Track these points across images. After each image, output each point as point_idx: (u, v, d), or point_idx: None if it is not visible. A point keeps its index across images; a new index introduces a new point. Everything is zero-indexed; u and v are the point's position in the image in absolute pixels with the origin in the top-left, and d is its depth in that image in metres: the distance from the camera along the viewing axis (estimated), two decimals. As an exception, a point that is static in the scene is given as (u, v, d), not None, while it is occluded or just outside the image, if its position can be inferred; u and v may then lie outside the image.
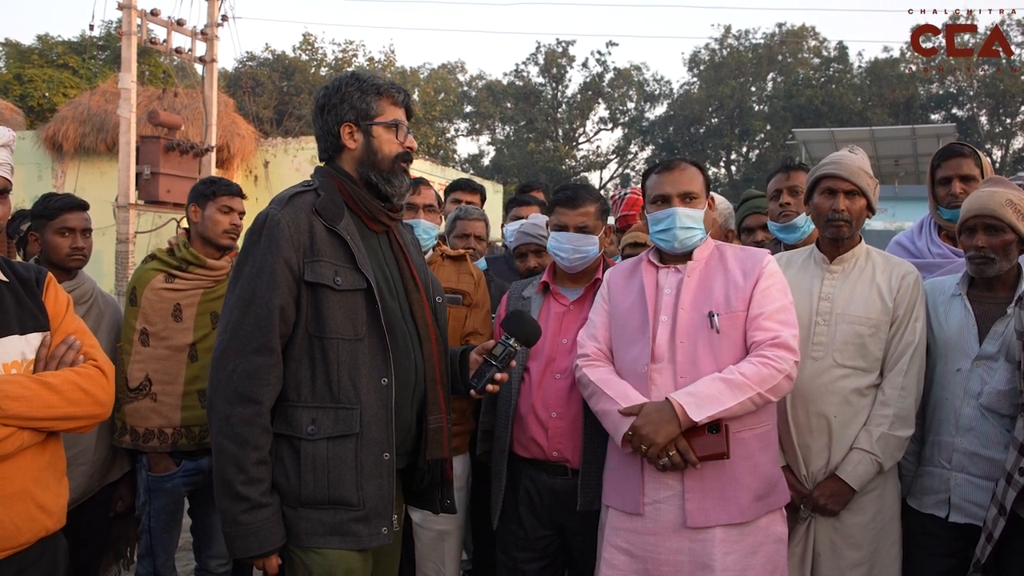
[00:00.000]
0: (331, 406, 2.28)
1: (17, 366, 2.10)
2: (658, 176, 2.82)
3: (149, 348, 3.38)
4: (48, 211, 3.33)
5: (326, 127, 2.46)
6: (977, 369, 2.78)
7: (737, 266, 2.75)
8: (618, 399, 2.63)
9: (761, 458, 2.64)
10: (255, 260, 2.28)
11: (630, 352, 2.74)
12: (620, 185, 43.56)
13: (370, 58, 38.95)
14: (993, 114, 40.50)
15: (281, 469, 2.28)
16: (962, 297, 2.89)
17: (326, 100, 2.45)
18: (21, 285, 2.21)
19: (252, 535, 2.22)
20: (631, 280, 2.87)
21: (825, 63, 42.24)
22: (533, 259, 3.82)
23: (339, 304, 2.30)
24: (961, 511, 2.76)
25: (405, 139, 2.48)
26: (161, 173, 10.94)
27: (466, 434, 3.45)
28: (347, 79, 2.46)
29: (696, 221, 2.75)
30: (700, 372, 2.61)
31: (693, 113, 42.59)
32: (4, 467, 2.02)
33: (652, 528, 2.61)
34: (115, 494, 3.50)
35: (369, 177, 2.44)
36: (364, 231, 2.46)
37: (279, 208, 2.32)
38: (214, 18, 12.73)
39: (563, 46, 42.73)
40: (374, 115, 2.44)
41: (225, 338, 2.28)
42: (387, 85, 2.47)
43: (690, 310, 2.68)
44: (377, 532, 2.31)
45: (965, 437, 2.77)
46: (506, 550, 3.14)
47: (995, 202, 2.78)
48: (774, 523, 2.66)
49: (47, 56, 26.20)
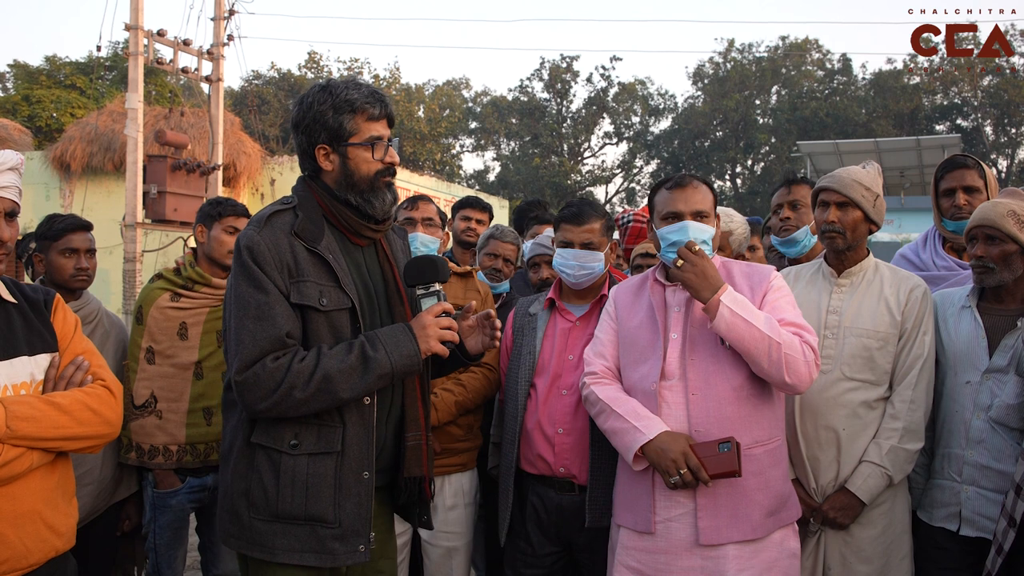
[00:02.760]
0: (315, 422, 2.27)
1: (26, 387, 2.11)
2: (670, 193, 2.79)
3: (155, 366, 3.39)
4: (52, 232, 3.35)
5: (301, 147, 2.39)
6: (987, 382, 2.76)
7: (744, 281, 2.74)
8: (629, 417, 2.62)
9: (772, 474, 2.63)
10: (249, 280, 2.24)
11: (639, 370, 2.73)
12: (625, 200, 43.66)
13: (375, 75, 39.20)
14: (998, 124, 40.45)
15: (258, 480, 2.26)
16: (972, 309, 2.88)
17: (300, 118, 2.37)
18: (30, 307, 2.22)
19: (397, 349, 2.25)
20: (638, 298, 2.86)
21: (829, 75, 42.33)
22: (546, 270, 3.83)
23: (324, 324, 2.28)
24: (972, 524, 2.74)
25: (385, 155, 2.38)
26: (168, 192, 11.01)
27: (474, 450, 3.44)
28: (318, 94, 2.35)
29: (708, 237, 2.74)
30: (712, 388, 2.60)
31: (698, 127, 42.66)
32: (14, 488, 2.02)
33: (664, 547, 2.60)
34: (122, 513, 3.50)
35: (348, 199, 2.36)
36: (347, 245, 2.42)
37: (257, 230, 2.27)
38: (220, 38, 12.85)
39: (567, 61, 42.89)
40: (348, 136, 2.34)
41: (239, 360, 2.23)
42: (362, 100, 2.34)
43: (700, 327, 2.67)
44: (354, 550, 2.29)
45: (975, 450, 2.76)
46: (514, 566, 3.13)
47: (996, 213, 2.78)
48: (787, 538, 2.65)
49: (55, 77, 26.42)
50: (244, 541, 2.29)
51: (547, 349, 3.13)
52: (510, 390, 3.17)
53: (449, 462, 3.31)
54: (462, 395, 3.28)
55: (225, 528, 2.34)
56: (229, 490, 2.32)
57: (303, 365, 2.19)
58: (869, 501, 2.81)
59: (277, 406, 2.20)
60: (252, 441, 2.28)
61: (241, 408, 2.28)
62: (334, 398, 2.22)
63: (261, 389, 2.18)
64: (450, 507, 3.31)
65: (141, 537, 3.58)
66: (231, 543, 2.33)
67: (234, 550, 2.36)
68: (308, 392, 2.18)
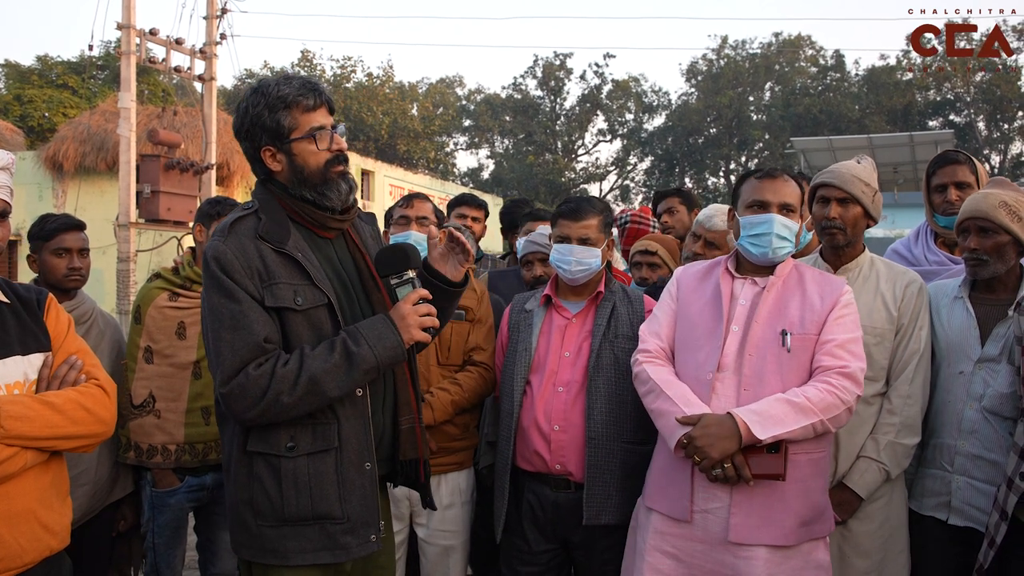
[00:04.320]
0: (308, 422, 2.26)
1: (19, 387, 2.11)
2: (759, 182, 2.77)
3: (153, 365, 3.39)
4: (44, 232, 3.33)
5: (248, 153, 2.36)
6: (979, 372, 2.78)
7: (815, 289, 2.70)
8: (678, 402, 2.59)
9: (813, 484, 2.60)
10: (220, 290, 2.22)
11: (695, 357, 2.71)
12: (620, 197, 43.68)
13: (368, 74, 39.17)
14: (991, 120, 40.57)
15: (260, 488, 2.25)
16: (964, 300, 2.90)
17: (239, 125, 2.34)
18: (22, 306, 2.21)
19: (379, 342, 2.24)
20: (704, 284, 2.83)
21: (822, 72, 42.41)
22: (539, 267, 3.83)
23: (303, 322, 2.27)
24: (961, 514, 2.76)
25: (331, 142, 2.34)
26: (161, 191, 10.97)
27: (470, 449, 3.44)
28: (252, 98, 2.31)
29: (792, 233, 2.72)
30: (765, 388, 2.57)
31: (691, 123, 42.71)
32: (8, 487, 2.02)
33: (701, 536, 2.58)
34: (118, 513, 3.50)
35: (303, 195, 2.33)
36: (315, 240, 2.40)
37: (222, 239, 2.25)
38: (212, 36, 12.82)
39: (561, 59, 42.94)
40: (288, 132, 2.30)
41: (221, 371, 2.21)
42: (294, 93, 2.28)
43: (764, 325, 2.65)
44: (366, 541, 2.30)
45: (967, 440, 2.77)
46: (510, 564, 3.13)
47: (988, 204, 2.79)
48: (816, 550, 2.61)
49: (47, 76, 26.34)
50: (256, 550, 2.28)
51: (543, 346, 3.13)
52: (506, 387, 3.17)
53: (445, 461, 3.31)
54: (458, 394, 3.27)
55: (236, 539, 2.33)
56: (234, 501, 2.31)
57: (287, 370, 2.17)
58: (867, 496, 2.82)
59: (265, 413, 2.18)
60: (249, 450, 2.27)
61: (233, 421, 2.27)
62: (323, 398, 2.21)
63: (247, 398, 2.17)
64: (447, 506, 3.30)
65: (138, 537, 3.57)
66: (243, 553, 2.32)
67: (247, 560, 2.33)
68: (296, 396, 2.17)
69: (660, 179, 43.28)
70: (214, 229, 2.35)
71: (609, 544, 2.96)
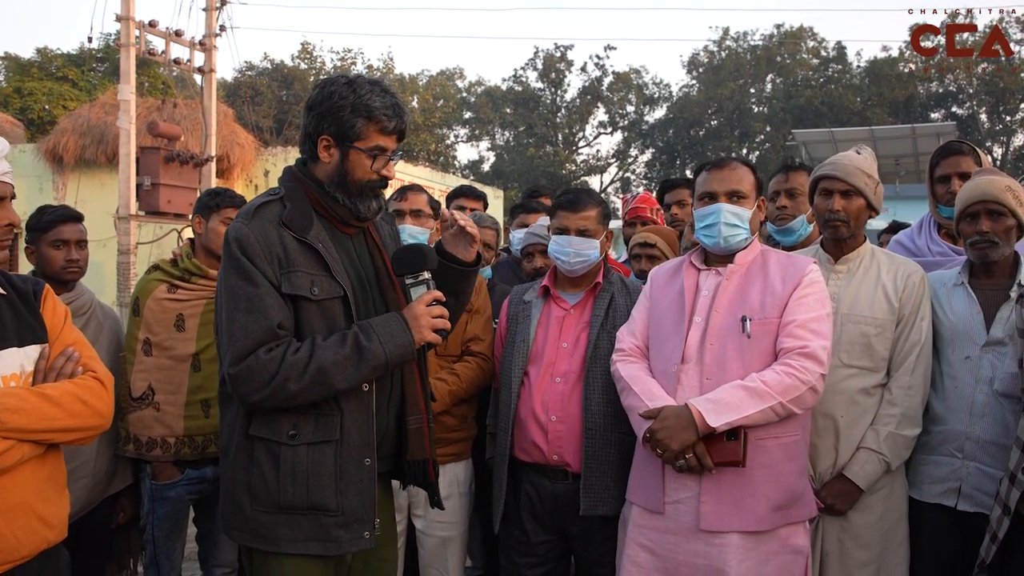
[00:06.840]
0: (312, 412, 2.27)
1: (16, 379, 2.10)
2: (707, 173, 2.81)
3: (152, 358, 3.38)
4: (42, 224, 3.32)
5: (307, 129, 2.38)
6: (987, 355, 2.79)
7: (778, 272, 2.71)
8: (643, 397, 2.63)
9: (785, 468, 2.60)
10: (238, 272, 2.23)
11: (663, 351, 2.74)
12: (620, 189, 43.63)
13: (369, 65, 39.04)
14: (993, 112, 40.44)
15: (259, 473, 2.27)
16: (964, 286, 2.91)
17: (316, 102, 2.35)
18: (19, 297, 2.20)
19: (391, 339, 2.26)
20: (673, 280, 2.86)
21: (824, 63, 42.24)
22: (540, 259, 3.84)
23: (317, 313, 2.28)
24: (971, 500, 2.76)
25: (383, 167, 2.38)
26: (161, 184, 10.93)
27: (469, 439, 3.44)
28: (342, 89, 2.32)
29: (742, 220, 2.73)
30: (727, 376, 2.58)
31: (693, 115, 42.59)
32: (4, 480, 2.01)
33: (673, 527, 2.60)
34: (117, 505, 3.49)
35: (336, 196, 2.36)
36: (336, 234, 2.42)
37: (245, 222, 2.27)
38: (212, 28, 12.76)
39: (561, 50, 42.78)
40: (354, 139, 2.33)
41: (230, 354, 2.22)
42: (381, 111, 2.32)
43: (724, 313, 2.67)
44: (359, 536, 2.31)
45: (979, 425, 2.77)
46: (508, 555, 3.14)
47: (996, 188, 2.81)
48: (794, 535, 2.62)
49: (46, 69, 26.26)
50: (248, 533, 2.29)
51: (540, 337, 3.13)
52: (504, 378, 3.17)
53: (444, 452, 3.29)
54: (456, 385, 3.27)
55: (228, 521, 2.34)
56: (230, 483, 2.33)
57: (297, 357, 2.19)
58: (867, 488, 2.82)
59: (272, 398, 2.20)
60: (251, 434, 2.28)
61: (237, 401, 2.28)
62: (329, 389, 2.22)
63: (255, 381, 2.18)
64: (445, 497, 3.28)
65: (137, 529, 3.57)
66: (235, 536, 2.34)
67: (238, 543, 2.36)
68: (303, 384, 2.19)
69: (661, 171, 43.19)
70: (238, 213, 2.34)
71: (607, 535, 2.96)
